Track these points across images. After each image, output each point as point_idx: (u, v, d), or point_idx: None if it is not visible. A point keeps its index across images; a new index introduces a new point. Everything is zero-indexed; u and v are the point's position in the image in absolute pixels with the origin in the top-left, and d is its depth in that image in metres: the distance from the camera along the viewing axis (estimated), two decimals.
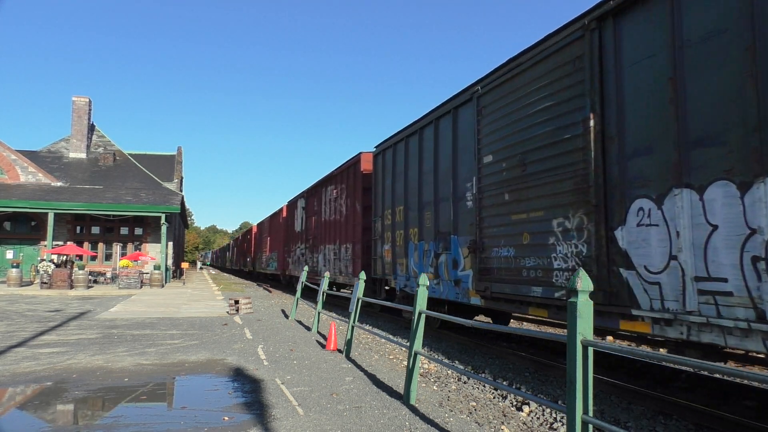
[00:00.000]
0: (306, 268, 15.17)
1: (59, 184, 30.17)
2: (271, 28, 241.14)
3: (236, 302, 14.37)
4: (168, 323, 11.94)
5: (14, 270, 23.55)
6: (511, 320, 12.11)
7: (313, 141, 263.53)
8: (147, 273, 27.31)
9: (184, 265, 38.51)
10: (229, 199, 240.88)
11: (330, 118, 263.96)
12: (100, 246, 30.59)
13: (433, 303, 9.98)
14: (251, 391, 5.94)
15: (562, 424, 5.22)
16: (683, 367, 7.58)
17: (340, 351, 8.70)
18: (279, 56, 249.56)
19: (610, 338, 9.69)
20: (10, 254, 28.94)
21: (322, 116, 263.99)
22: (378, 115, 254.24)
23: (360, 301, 8.85)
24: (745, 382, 6.77)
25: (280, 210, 27.57)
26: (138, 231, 31.15)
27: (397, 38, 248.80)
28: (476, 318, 11.61)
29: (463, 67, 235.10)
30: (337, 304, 19.04)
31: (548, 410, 5.70)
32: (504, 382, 7.02)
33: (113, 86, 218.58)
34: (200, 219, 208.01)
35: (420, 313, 5.94)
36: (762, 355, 5.46)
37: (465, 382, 7.00)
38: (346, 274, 15.30)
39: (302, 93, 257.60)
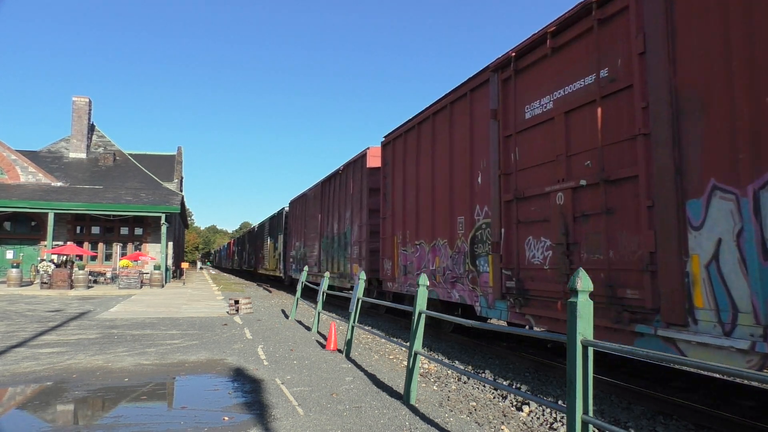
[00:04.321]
0: (306, 268, 15.16)
1: (59, 184, 30.17)
2: (272, 26, 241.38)
3: (236, 302, 14.37)
4: (168, 323, 11.94)
5: (14, 270, 23.55)
6: None
7: (314, 140, 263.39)
8: (147, 273, 27.31)
9: (184, 265, 38.51)
10: (229, 199, 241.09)
11: (331, 116, 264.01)
12: (100, 246, 30.59)
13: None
14: (251, 391, 5.94)
15: (562, 424, 5.22)
16: (683, 368, 7.58)
17: (340, 351, 8.70)
18: (279, 54, 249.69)
19: None
20: (10, 254, 28.93)
21: (323, 114, 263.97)
22: (380, 113, 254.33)
23: (360, 301, 8.85)
24: (745, 382, 6.77)
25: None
26: (138, 231, 31.16)
27: (398, 34, 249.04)
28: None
29: (466, 63, 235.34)
30: (337, 304, 19.04)
31: (548, 410, 5.70)
32: (504, 382, 7.02)
33: (113, 85, 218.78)
34: (200, 219, 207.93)
35: (420, 313, 5.94)
36: None
37: (465, 382, 7.00)
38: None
39: (303, 91, 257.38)
